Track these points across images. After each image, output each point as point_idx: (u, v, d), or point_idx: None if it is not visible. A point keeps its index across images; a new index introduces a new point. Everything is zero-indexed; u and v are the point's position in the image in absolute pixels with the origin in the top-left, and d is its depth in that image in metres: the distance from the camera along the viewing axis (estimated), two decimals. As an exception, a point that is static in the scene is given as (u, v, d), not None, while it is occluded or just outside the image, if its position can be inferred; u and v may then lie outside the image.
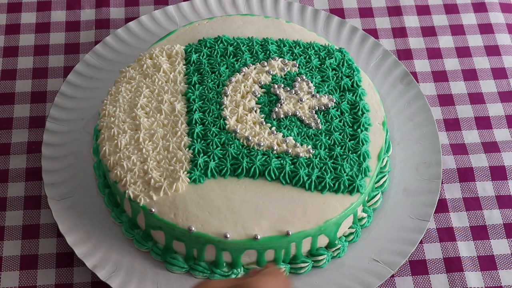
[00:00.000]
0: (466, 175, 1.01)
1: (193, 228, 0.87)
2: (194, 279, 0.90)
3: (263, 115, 0.94)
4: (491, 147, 1.04)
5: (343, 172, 0.90)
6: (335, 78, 0.98)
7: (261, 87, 0.97)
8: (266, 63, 0.98)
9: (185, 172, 0.89)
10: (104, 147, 0.92)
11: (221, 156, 0.91)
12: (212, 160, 0.90)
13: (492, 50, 1.12)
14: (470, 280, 0.93)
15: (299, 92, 0.96)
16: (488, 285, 0.93)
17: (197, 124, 0.93)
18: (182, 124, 0.93)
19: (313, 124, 0.94)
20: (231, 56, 0.99)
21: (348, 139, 0.93)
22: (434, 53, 1.12)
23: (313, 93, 0.96)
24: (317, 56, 1.00)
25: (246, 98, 0.95)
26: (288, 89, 0.97)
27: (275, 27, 1.04)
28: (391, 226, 0.95)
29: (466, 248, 0.96)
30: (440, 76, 1.10)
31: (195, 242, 0.88)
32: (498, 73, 1.10)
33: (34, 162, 1.01)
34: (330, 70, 0.99)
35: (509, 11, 1.17)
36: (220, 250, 0.88)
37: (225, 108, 0.94)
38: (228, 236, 0.86)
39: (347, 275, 0.91)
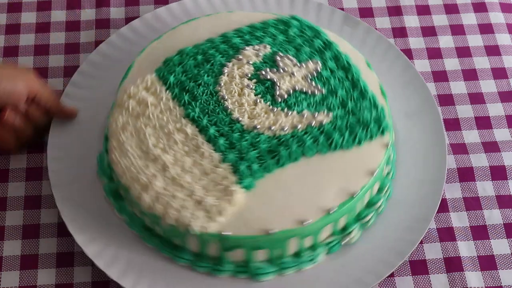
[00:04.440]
0: (466, 175, 1.01)
1: (273, 230, 0.86)
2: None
3: (268, 102, 0.94)
4: (491, 147, 1.04)
5: (367, 119, 0.93)
6: (307, 44, 0.99)
7: (250, 78, 0.96)
8: (240, 56, 0.98)
9: (236, 184, 0.88)
10: (146, 200, 0.88)
11: (258, 155, 0.90)
12: (252, 163, 0.89)
13: (492, 50, 1.12)
14: (470, 280, 0.93)
15: (286, 68, 0.96)
16: (488, 285, 0.93)
17: (217, 138, 0.91)
18: (203, 143, 0.91)
19: (315, 91, 0.94)
20: (205, 63, 0.97)
21: (351, 90, 0.95)
22: (434, 53, 1.12)
23: (298, 64, 0.97)
24: (278, 30, 1.00)
25: (244, 94, 0.95)
26: (275, 70, 0.96)
27: (223, 21, 1.02)
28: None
29: (466, 248, 0.96)
30: (440, 76, 1.10)
31: (276, 242, 0.87)
32: (498, 73, 1.10)
33: (34, 162, 1.01)
34: (298, 38, 0.99)
35: (509, 11, 1.17)
36: (302, 237, 0.88)
37: (232, 112, 0.93)
38: (309, 221, 0.86)
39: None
